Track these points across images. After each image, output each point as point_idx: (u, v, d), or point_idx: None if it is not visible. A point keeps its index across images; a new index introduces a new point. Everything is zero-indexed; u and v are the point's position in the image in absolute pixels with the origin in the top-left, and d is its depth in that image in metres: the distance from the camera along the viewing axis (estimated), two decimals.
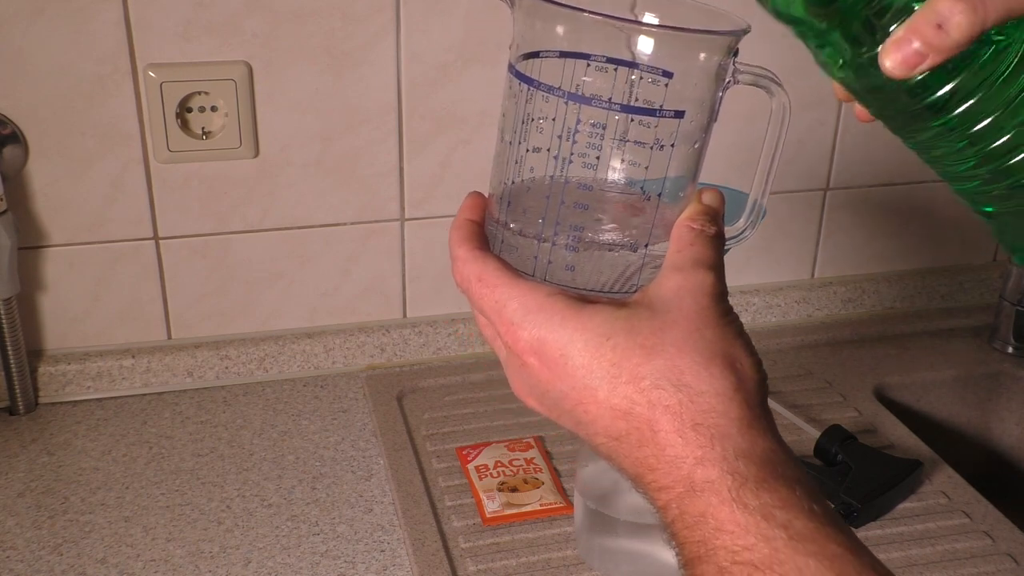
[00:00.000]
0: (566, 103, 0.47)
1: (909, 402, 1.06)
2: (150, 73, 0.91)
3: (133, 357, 0.99)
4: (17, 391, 0.95)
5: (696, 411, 0.44)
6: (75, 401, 0.98)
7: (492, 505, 0.82)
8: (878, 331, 1.14)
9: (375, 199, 1.00)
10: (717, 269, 0.48)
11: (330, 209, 1.00)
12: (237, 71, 0.93)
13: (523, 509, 0.82)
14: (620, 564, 0.75)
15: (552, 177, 0.49)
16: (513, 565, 0.76)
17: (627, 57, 0.47)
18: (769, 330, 1.12)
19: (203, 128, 0.94)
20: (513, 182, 0.51)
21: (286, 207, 0.99)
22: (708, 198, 0.51)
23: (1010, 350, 1.10)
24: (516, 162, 0.50)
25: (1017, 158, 0.45)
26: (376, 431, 0.94)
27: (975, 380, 1.08)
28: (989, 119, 0.44)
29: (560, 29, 0.48)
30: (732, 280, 1.24)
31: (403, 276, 1.04)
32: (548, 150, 0.49)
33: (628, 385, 0.45)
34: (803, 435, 0.92)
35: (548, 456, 0.89)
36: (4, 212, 0.90)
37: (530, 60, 0.49)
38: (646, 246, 0.50)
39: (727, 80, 0.49)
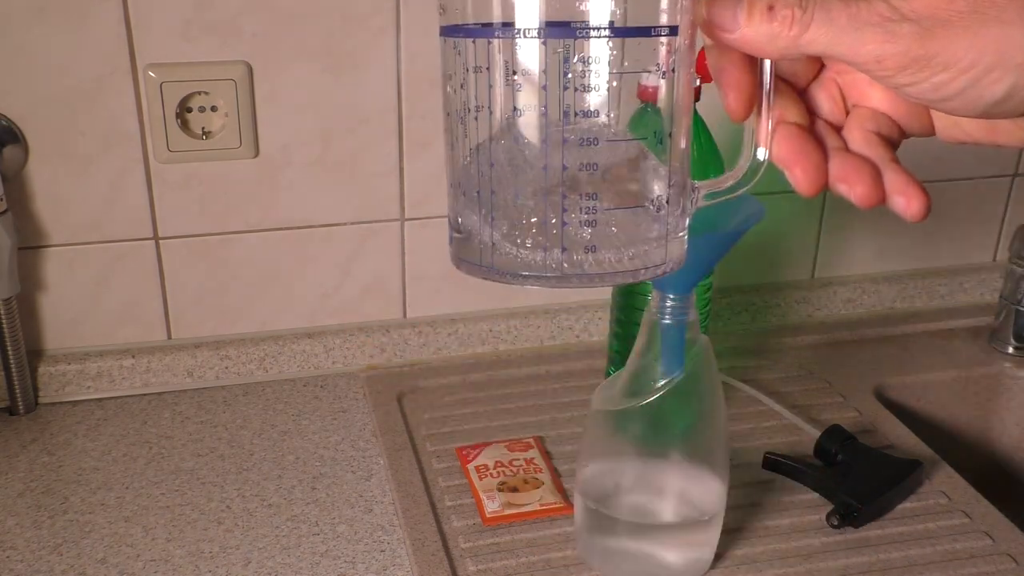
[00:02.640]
0: (543, 42, 0.40)
1: (909, 402, 1.06)
2: (150, 73, 0.91)
3: (133, 357, 0.99)
4: (17, 391, 0.95)
5: None
6: (75, 401, 0.98)
7: (492, 505, 0.82)
8: (878, 331, 1.14)
9: (375, 199, 1.00)
10: None
11: (330, 209, 1.00)
12: (237, 71, 0.93)
13: (523, 509, 0.81)
14: (620, 564, 0.75)
15: (545, 139, 0.41)
16: (513, 565, 0.76)
17: None
18: (769, 330, 1.12)
19: (203, 128, 0.94)
20: (492, 165, 0.42)
21: (286, 207, 0.99)
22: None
23: (1010, 350, 1.10)
24: (489, 139, 0.42)
25: None
26: (376, 431, 0.94)
27: (975, 380, 1.08)
28: None
29: None
30: (732, 280, 1.24)
31: (403, 276, 1.04)
32: (532, 106, 0.41)
33: None
34: (803, 435, 0.92)
35: (548, 456, 0.89)
36: (4, 212, 0.90)
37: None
38: (667, 202, 0.43)
39: None
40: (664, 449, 0.73)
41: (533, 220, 0.41)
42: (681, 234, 0.44)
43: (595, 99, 0.41)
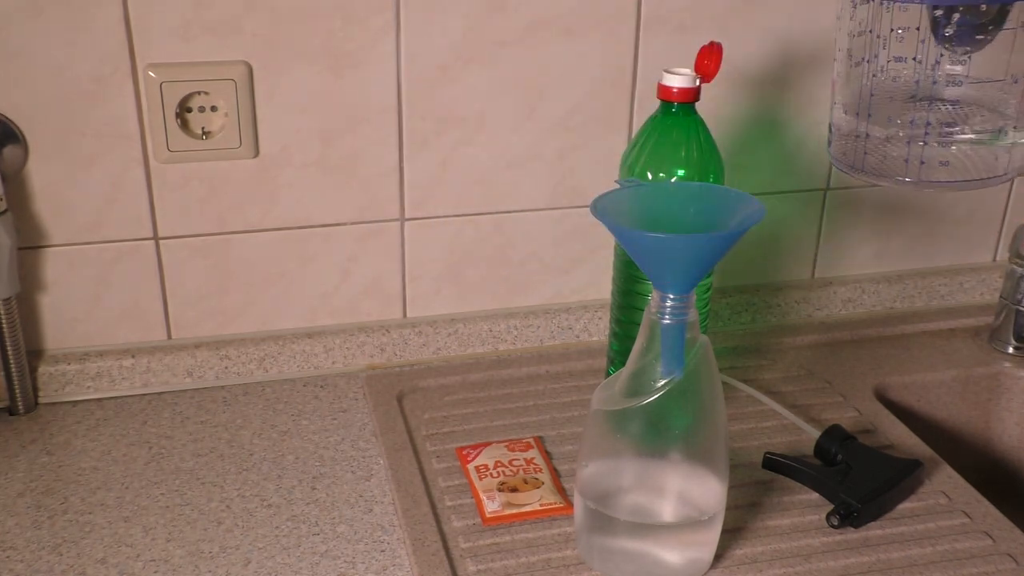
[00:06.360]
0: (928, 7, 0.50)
1: (909, 402, 1.06)
2: (150, 73, 0.91)
3: (133, 357, 0.99)
4: (17, 391, 0.95)
5: None
6: (75, 401, 0.98)
7: (492, 505, 0.82)
8: (878, 331, 1.14)
9: (375, 199, 1.00)
10: None
11: (330, 209, 1.00)
12: (237, 71, 0.93)
13: (523, 509, 0.81)
14: (620, 564, 0.75)
15: (917, 82, 0.53)
16: (513, 565, 0.76)
17: None
18: (769, 330, 1.12)
19: (203, 128, 0.94)
20: (872, 94, 0.55)
21: (286, 207, 0.99)
22: None
23: (1010, 350, 1.10)
24: (873, 75, 0.54)
25: None
26: (376, 431, 0.94)
27: (975, 380, 1.08)
28: None
29: None
30: (732, 280, 1.24)
31: (403, 276, 1.04)
32: (911, 58, 0.53)
33: None
34: (803, 435, 0.92)
35: (548, 456, 0.89)
36: (4, 212, 0.90)
37: None
38: (1015, 128, 0.53)
39: None
40: (664, 449, 0.73)
41: (902, 135, 0.53)
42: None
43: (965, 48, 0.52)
